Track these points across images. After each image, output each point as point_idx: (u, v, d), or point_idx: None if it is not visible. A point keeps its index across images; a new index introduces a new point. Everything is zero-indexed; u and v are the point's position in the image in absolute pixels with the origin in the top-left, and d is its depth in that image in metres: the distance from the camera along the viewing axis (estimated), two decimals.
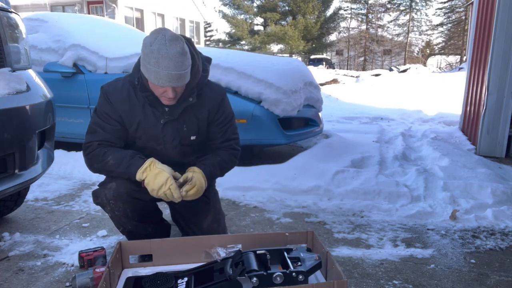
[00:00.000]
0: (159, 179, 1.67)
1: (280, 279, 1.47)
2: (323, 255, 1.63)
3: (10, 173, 1.97)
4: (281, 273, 1.47)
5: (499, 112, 4.25)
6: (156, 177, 1.68)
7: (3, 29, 2.04)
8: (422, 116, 7.61)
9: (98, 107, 1.82)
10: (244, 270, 1.48)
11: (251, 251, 1.62)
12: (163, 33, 1.57)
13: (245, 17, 31.72)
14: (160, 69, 1.54)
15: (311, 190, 3.13)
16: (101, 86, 1.84)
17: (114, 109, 1.78)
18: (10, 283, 1.87)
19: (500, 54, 4.14)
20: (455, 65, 26.61)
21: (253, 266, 1.52)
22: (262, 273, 1.47)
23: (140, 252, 1.79)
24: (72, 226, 2.53)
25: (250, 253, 1.60)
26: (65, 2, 18.51)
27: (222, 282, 1.49)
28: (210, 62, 1.93)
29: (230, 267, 1.53)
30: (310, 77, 4.34)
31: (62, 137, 4.00)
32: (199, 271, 1.63)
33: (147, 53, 1.56)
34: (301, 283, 1.47)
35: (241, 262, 1.56)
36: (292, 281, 1.47)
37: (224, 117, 1.92)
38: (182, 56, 1.56)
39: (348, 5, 35.76)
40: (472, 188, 3.11)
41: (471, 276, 1.99)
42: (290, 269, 1.51)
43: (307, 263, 1.55)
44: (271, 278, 1.47)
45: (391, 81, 13.29)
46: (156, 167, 1.70)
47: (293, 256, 1.60)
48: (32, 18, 4.48)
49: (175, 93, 1.65)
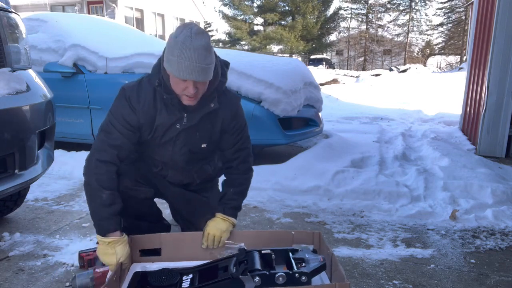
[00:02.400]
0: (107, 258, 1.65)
1: (283, 279, 1.46)
2: (328, 256, 1.63)
3: (10, 173, 1.97)
4: (283, 273, 1.47)
5: (499, 112, 4.25)
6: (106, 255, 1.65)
7: (3, 29, 2.04)
8: (422, 116, 7.61)
9: (116, 109, 1.75)
10: (247, 269, 1.49)
11: (256, 250, 1.62)
12: (190, 26, 1.56)
13: (245, 17, 31.72)
14: (182, 59, 1.50)
15: (311, 190, 3.13)
16: (122, 87, 1.77)
17: (134, 115, 1.72)
18: (10, 283, 1.87)
19: (500, 54, 4.14)
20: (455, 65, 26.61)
21: (257, 265, 1.52)
22: (265, 272, 1.47)
23: (150, 245, 1.82)
24: (72, 226, 2.53)
25: (254, 252, 1.60)
26: (65, 2, 18.52)
27: (225, 280, 1.50)
28: (228, 66, 1.86)
29: (234, 265, 1.54)
30: (310, 77, 4.34)
31: (62, 137, 4.00)
32: (204, 269, 1.64)
33: (171, 44, 1.54)
34: (304, 284, 1.47)
35: (245, 261, 1.56)
36: (295, 282, 1.47)
37: (238, 126, 1.88)
38: (206, 50, 1.53)
39: (348, 5, 35.75)
40: (472, 188, 3.11)
41: (471, 276, 1.99)
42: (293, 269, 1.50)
43: (311, 265, 1.54)
44: (273, 278, 1.47)
45: (391, 81, 13.29)
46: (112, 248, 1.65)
47: (298, 257, 1.60)
48: (32, 18, 4.48)
49: (196, 90, 1.59)
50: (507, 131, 4.27)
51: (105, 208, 1.64)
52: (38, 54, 4.12)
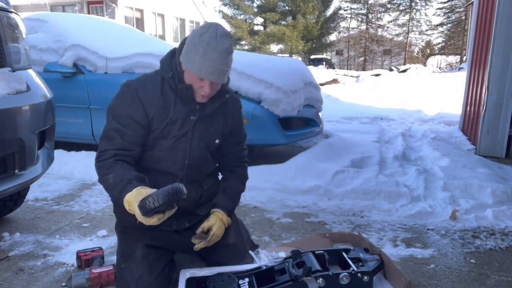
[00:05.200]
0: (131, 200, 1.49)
1: (347, 279, 1.44)
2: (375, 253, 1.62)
3: (10, 173, 1.97)
4: (347, 273, 1.44)
5: (499, 112, 4.25)
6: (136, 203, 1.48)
7: (3, 29, 2.04)
8: (422, 116, 7.61)
9: (118, 109, 1.65)
10: (310, 270, 1.45)
11: (310, 251, 1.59)
12: (215, 27, 1.55)
13: (245, 17, 31.72)
14: (206, 60, 1.51)
15: (311, 190, 3.13)
16: (125, 83, 1.68)
17: (143, 108, 1.63)
18: (10, 283, 1.87)
19: (500, 54, 4.14)
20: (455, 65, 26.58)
21: (316, 266, 1.49)
22: (328, 273, 1.45)
23: None
24: (72, 226, 2.53)
25: (309, 253, 1.57)
26: (65, 2, 18.52)
27: (288, 283, 1.45)
28: None
29: (292, 267, 1.50)
30: (310, 77, 4.34)
31: (62, 137, 4.00)
32: (259, 272, 1.58)
33: (195, 42, 1.52)
34: (367, 284, 1.44)
35: (300, 262, 1.53)
36: (358, 282, 1.45)
37: (241, 125, 1.90)
38: (229, 53, 1.55)
39: (348, 5, 35.75)
40: (472, 188, 3.11)
41: (471, 276, 1.99)
42: (353, 269, 1.47)
43: (370, 264, 1.52)
44: (337, 278, 1.44)
45: (391, 81, 13.28)
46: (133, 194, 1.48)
47: (353, 257, 1.57)
48: (32, 18, 4.48)
49: (211, 90, 1.60)
50: (507, 131, 4.27)
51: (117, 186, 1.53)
52: (38, 54, 4.12)
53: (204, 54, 1.50)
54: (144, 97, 1.64)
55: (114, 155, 1.60)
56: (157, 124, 1.66)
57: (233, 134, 1.86)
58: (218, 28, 1.55)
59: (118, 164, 1.59)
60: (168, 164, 1.71)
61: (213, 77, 1.54)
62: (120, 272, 1.68)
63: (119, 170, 1.57)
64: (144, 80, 1.70)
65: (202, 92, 1.60)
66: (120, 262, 1.70)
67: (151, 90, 1.66)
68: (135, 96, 1.63)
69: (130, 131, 1.63)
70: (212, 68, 1.52)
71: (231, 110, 1.82)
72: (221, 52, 1.52)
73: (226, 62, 1.55)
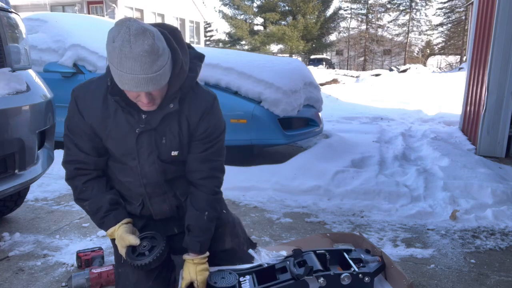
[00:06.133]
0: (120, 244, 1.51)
1: (348, 279, 1.43)
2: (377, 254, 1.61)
3: (10, 173, 1.97)
4: (348, 274, 1.44)
5: (499, 112, 4.25)
6: (117, 242, 1.52)
7: (3, 29, 2.04)
8: (422, 116, 7.61)
9: (68, 118, 1.54)
10: (312, 269, 1.44)
11: (311, 251, 1.58)
12: (127, 24, 1.24)
13: (245, 17, 31.73)
14: (124, 72, 1.24)
15: (311, 190, 3.13)
16: (72, 90, 1.53)
17: (83, 119, 1.49)
18: (10, 283, 1.87)
19: (500, 54, 4.14)
20: (455, 65, 26.61)
21: (318, 266, 1.48)
22: (330, 273, 1.44)
23: None
24: (72, 226, 2.53)
25: (310, 253, 1.56)
26: (65, 2, 18.52)
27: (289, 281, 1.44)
28: (202, 60, 1.56)
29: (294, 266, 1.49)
30: (310, 77, 4.34)
31: (62, 137, 3.99)
32: (260, 270, 1.57)
33: (110, 50, 1.25)
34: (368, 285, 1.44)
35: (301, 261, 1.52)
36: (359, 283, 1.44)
37: (209, 132, 1.53)
38: (150, 55, 1.23)
39: (348, 5, 35.77)
40: (472, 188, 3.11)
41: (471, 276, 1.99)
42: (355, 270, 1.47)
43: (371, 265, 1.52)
44: (338, 278, 1.43)
45: (391, 81, 13.29)
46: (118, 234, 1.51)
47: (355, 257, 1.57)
48: (32, 18, 4.48)
49: (150, 98, 1.34)
50: (507, 131, 4.27)
51: (95, 216, 1.56)
52: (38, 54, 4.12)
53: (120, 65, 1.24)
54: (82, 107, 1.49)
55: (75, 169, 1.56)
56: (100, 135, 1.52)
57: (193, 140, 1.55)
58: (131, 26, 1.24)
59: (89, 188, 1.56)
60: (130, 180, 1.57)
61: (140, 88, 1.28)
62: (118, 276, 1.67)
63: (93, 197, 1.55)
64: (87, 86, 1.52)
65: (141, 101, 1.35)
66: (117, 267, 1.69)
67: (90, 99, 1.49)
68: (74, 105, 1.50)
69: (80, 142, 1.53)
70: (134, 80, 1.25)
71: (186, 115, 1.50)
72: (139, 58, 1.22)
73: (150, 67, 1.24)
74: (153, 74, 1.26)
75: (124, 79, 1.27)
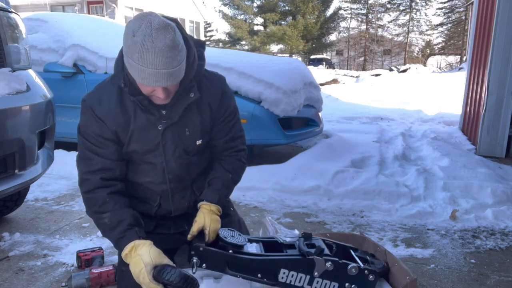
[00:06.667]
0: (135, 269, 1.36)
1: (355, 271, 1.41)
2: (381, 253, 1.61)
3: (10, 173, 1.97)
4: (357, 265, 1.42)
5: (499, 112, 4.25)
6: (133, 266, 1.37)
7: (3, 29, 2.04)
8: (422, 116, 7.62)
9: (84, 128, 1.50)
10: (323, 251, 1.42)
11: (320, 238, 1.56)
12: (148, 19, 1.25)
13: (245, 17, 31.74)
14: (144, 66, 1.24)
15: (311, 190, 3.13)
16: (82, 99, 1.51)
17: (104, 125, 1.47)
18: (10, 283, 1.87)
19: (500, 54, 4.14)
20: (455, 65, 26.60)
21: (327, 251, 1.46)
22: (338, 260, 1.42)
23: None
24: (72, 226, 2.53)
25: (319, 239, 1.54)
26: (65, 2, 18.53)
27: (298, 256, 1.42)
28: (204, 46, 1.58)
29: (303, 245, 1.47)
30: (310, 77, 4.34)
31: (62, 137, 3.99)
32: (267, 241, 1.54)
33: (129, 44, 1.25)
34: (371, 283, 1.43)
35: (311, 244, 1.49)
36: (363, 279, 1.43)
37: (229, 112, 1.60)
38: (172, 50, 1.24)
39: (348, 5, 35.75)
40: (472, 188, 3.11)
41: (471, 276, 1.99)
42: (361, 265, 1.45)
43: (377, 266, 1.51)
44: (346, 268, 1.41)
45: (391, 81, 13.30)
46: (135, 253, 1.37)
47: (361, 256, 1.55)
48: (32, 18, 4.48)
49: (166, 93, 1.36)
50: (507, 131, 4.27)
51: (114, 230, 1.44)
52: (38, 54, 4.12)
53: (141, 60, 1.23)
54: (101, 113, 1.46)
55: (101, 179, 1.48)
56: (123, 139, 1.50)
57: (217, 124, 1.59)
58: (153, 21, 1.24)
59: (112, 200, 1.48)
60: (149, 180, 1.57)
61: (160, 83, 1.28)
62: (121, 275, 1.66)
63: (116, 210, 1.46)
64: (99, 93, 1.50)
65: (156, 95, 1.36)
66: (121, 265, 1.68)
67: (107, 105, 1.47)
68: (92, 114, 1.47)
69: (103, 149, 1.49)
70: (155, 74, 1.25)
71: (207, 101, 1.54)
72: (161, 52, 1.23)
73: (171, 61, 1.25)
74: (174, 68, 1.28)
75: (145, 74, 1.26)
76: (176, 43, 1.26)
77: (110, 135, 1.48)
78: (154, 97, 1.38)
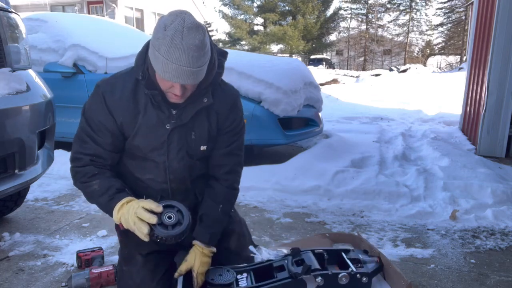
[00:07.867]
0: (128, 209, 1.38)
1: (346, 279, 1.43)
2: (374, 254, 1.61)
3: (10, 173, 1.97)
4: (346, 273, 1.43)
5: (499, 112, 4.25)
6: (126, 212, 1.38)
7: (3, 29, 2.04)
8: (422, 116, 7.61)
9: (89, 111, 1.50)
10: (310, 268, 1.43)
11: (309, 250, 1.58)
12: (182, 16, 1.28)
13: (245, 17, 31.73)
14: (169, 60, 1.26)
15: (311, 190, 3.13)
16: (97, 83, 1.51)
17: (110, 115, 1.47)
18: (10, 283, 1.87)
19: (500, 54, 4.14)
20: (455, 65, 26.60)
21: (316, 265, 1.47)
22: (327, 272, 1.43)
23: None
24: (72, 226, 2.53)
25: (308, 252, 1.56)
26: (65, 2, 18.53)
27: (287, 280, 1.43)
28: (225, 57, 1.59)
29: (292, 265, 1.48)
30: (310, 77, 4.34)
31: (62, 137, 3.99)
32: (257, 268, 1.56)
33: (159, 37, 1.27)
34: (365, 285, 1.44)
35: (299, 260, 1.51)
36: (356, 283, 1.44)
37: (235, 125, 1.59)
38: (199, 50, 1.27)
39: (348, 5, 35.72)
40: (472, 188, 3.11)
41: (471, 276, 1.99)
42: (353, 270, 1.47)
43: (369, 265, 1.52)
44: (336, 278, 1.43)
45: (391, 81, 13.29)
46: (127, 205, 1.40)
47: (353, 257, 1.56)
48: (32, 18, 4.48)
49: (183, 91, 1.36)
50: (507, 131, 4.27)
51: (104, 195, 1.45)
52: (38, 54, 4.12)
53: (168, 54, 1.25)
54: (111, 103, 1.46)
55: (91, 160, 1.49)
56: (128, 132, 1.49)
57: (220, 134, 1.58)
58: (186, 19, 1.27)
59: (101, 172, 1.49)
60: (151, 177, 1.56)
61: (180, 79, 1.30)
62: (122, 274, 1.67)
63: (104, 179, 1.47)
64: (114, 81, 1.50)
65: (173, 92, 1.37)
66: (121, 264, 1.69)
67: (119, 94, 1.47)
68: (102, 101, 1.47)
69: (100, 138, 1.48)
70: (178, 70, 1.27)
71: (216, 108, 1.54)
72: (188, 50, 1.25)
73: (196, 61, 1.28)
74: (197, 68, 1.29)
75: (168, 68, 1.28)
76: (204, 44, 1.29)
77: (112, 126, 1.48)
78: (170, 94, 1.39)
